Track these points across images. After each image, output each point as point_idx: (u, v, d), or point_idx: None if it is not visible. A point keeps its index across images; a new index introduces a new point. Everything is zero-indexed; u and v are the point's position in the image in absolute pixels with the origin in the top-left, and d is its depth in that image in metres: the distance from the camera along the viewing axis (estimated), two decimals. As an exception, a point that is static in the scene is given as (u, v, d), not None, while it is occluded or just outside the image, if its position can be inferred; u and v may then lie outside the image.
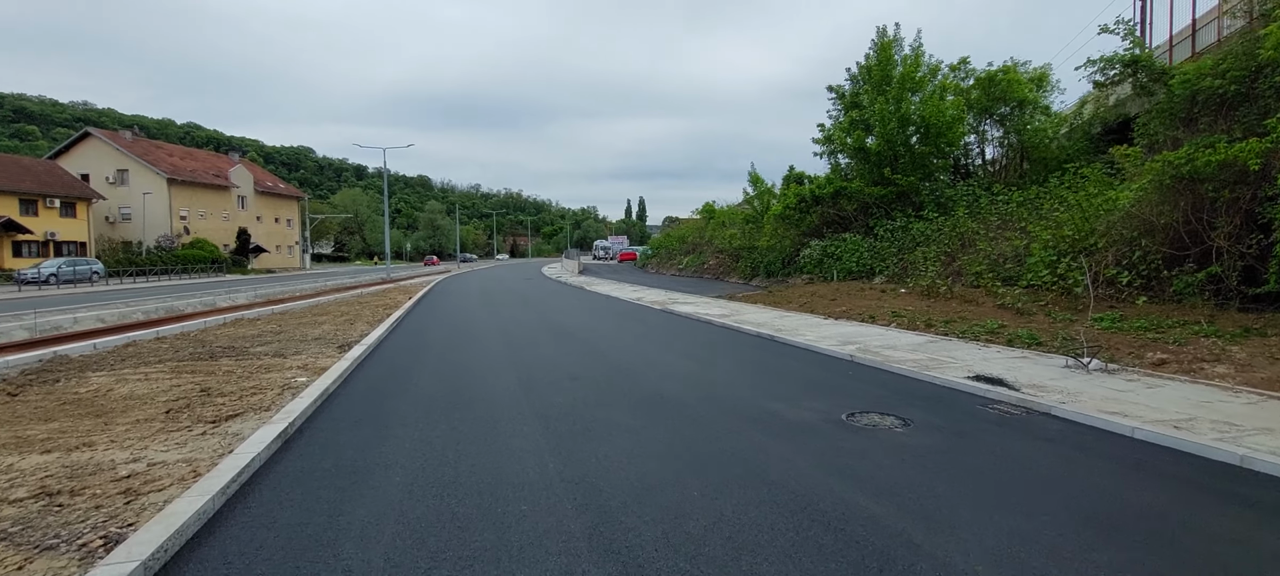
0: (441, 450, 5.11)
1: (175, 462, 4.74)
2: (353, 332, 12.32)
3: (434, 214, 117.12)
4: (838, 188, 22.34)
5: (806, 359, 9.69)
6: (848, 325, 12.95)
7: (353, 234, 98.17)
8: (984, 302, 13.51)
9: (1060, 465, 4.83)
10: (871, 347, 10.17)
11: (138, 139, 57.99)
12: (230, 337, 11.73)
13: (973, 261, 15.46)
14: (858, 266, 20.83)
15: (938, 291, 15.16)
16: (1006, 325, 10.95)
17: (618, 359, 9.61)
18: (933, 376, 7.98)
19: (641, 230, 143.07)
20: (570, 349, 10.64)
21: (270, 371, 8.35)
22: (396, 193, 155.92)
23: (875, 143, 21.14)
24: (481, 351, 10.42)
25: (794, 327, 12.88)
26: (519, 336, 12.33)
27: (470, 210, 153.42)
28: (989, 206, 18.67)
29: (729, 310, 16.67)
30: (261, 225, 63.37)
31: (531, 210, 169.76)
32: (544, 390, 7.36)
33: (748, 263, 29.09)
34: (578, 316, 16.18)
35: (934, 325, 11.82)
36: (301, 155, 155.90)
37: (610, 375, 8.29)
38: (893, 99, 20.78)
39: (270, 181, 68.66)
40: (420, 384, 7.77)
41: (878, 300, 15.86)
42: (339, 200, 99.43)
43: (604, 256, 75.52)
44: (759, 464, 4.78)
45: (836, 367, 8.95)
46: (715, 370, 8.77)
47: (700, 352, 10.36)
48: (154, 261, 46.41)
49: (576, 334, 12.64)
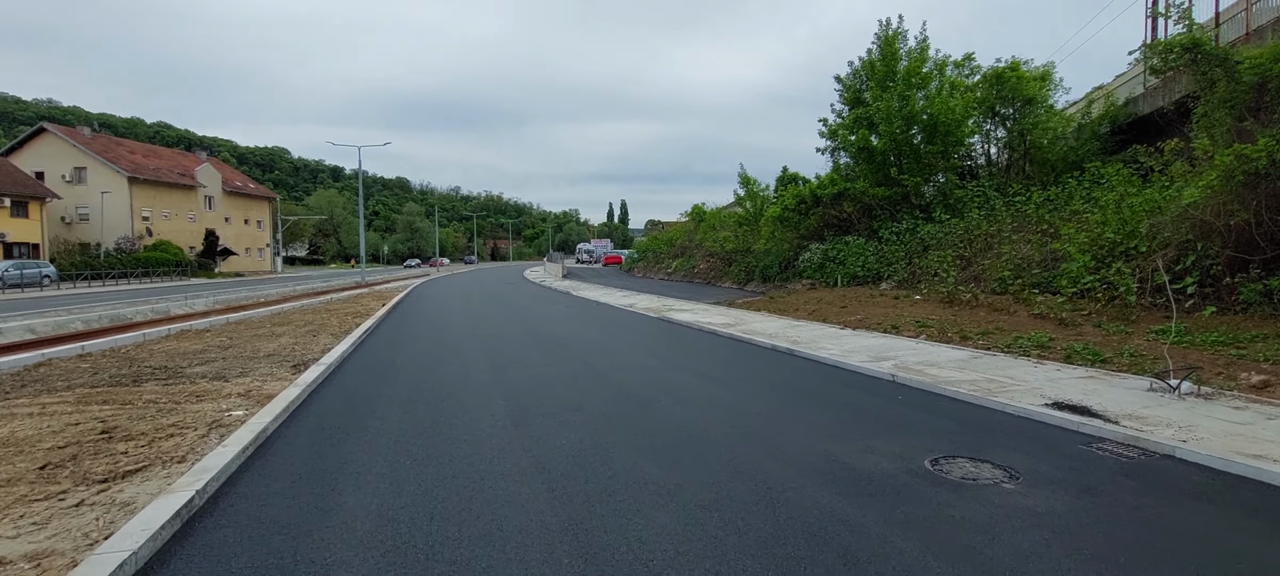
0: (409, 534, 3.68)
1: (13, 561, 3.26)
2: (313, 347, 10.77)
3: (412, 216, 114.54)
4: (841, 188, 21.19)
5: (840, 379, 8.40)
6: (870, 336, 11.71)
7: (328, 237, 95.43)
8: (1016, 311, 12.38)
9: (1249, 539, 3.57)
10: (909, 364, 8.92)
11: (98, 136, 55.23)
12: (168, 354, 10.12)
13: (995, 266, 14.34)
14: (863, 271, 19.69)
15: (959, 298, 14.01)
16: (1054, 337, 9.77)
17: (622, 381, 8.22)
18: (1001, 403, 6.73)
19: (624, 233, 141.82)
20: (565, 367, 9.23)
21: (202, 401, 6.83)
22: (373, 194, 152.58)
23: (880, 141, 20.03)
24: (463, 371, 8.96)
25: (812, 339, 11.62)
26: (505, 351, 10.89)
27: (450, 212, 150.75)
28: (1003, 208, 17.63)
29: (732, 318, 15.37)
30: (230, 227, 60.82)
31: (512, 213, 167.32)
32: (541, 427, 5.95)
33: (742, 266, 27.88)
34: (568, 326, 14.76)
35: (970, 337, 10.63)
36: (276, 156, 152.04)
37: (618, 404, 6.91)
38: (898, 95, 19.71)
39: (239, 181, 66.08)
40: (386, 420, 6.30)
41: (894, 308, 14.69)
42: (314, 202, 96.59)
43: (588, 260, 74.03)
44: (853, 549, 3.44)
45: (880, 390, 7.67)
46: (740, 395, 7.43)
47: (715, 370, 9.02)
48: (112, 264, 43.91)
49: (570, 348, 11.23)
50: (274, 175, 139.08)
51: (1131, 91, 21.11)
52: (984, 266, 15.28)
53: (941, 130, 19.24)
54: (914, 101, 19.57)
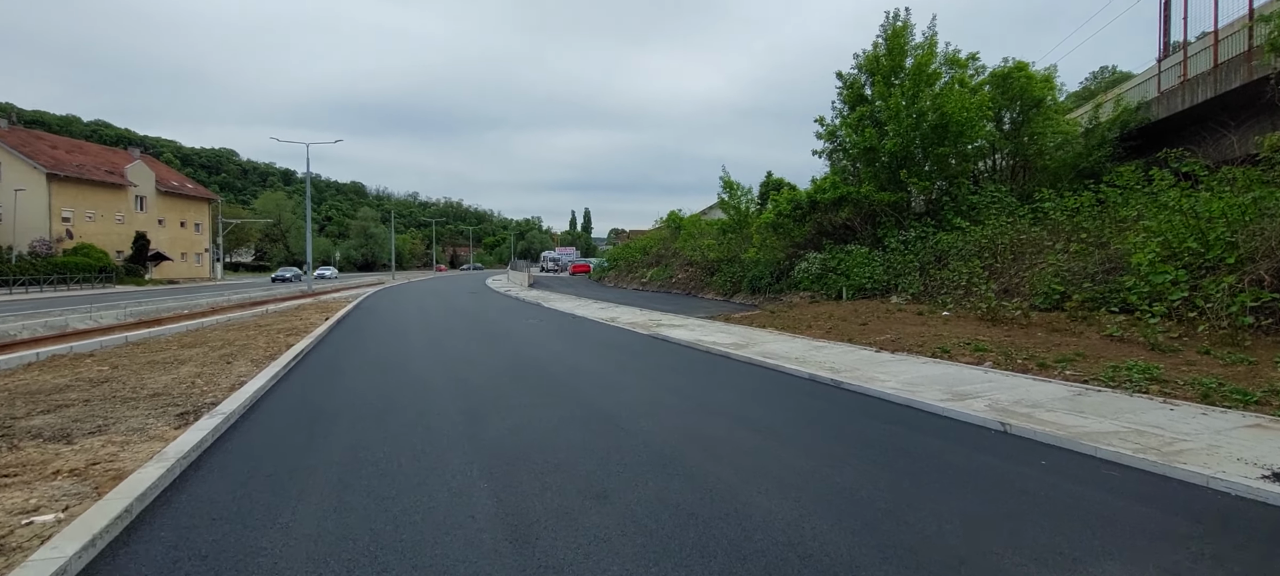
0: None
1: None
2: (222, 381, 8.18)
3: (367, 221, 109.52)
4: (843, 192, 19.39)
5: (929, 428, 6.33)
6: (920, 362, 9.75)
7: (275, 242, 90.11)
8: (1081, 332, 10.62)
9: None
10: (1004, 404, 6.95)
11: (14, 129, 50.15)
12: (13, 392, 7.41)
13: (1041, 278, 12.63)
14: (871, 283, 17.90)
15: (1003, 316, 12.24)
16: (1161, 368, 7.95)
17: (644, 434, 5.97)
18: (1191, 472, 4.76)
19: (587, 241, 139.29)
20: (562, 411, 6.93)
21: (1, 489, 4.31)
22: (326, 199, 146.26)
23: (889, 141, 18.31)
24: (422, 423, 6.57)
25: (852, 366, 9.59)
26: (477, 385, 8.51)
27: (407, 219, 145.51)
28: (1029, 215, 16.08)
29: (739, 337, 13.28)
30: (164, 229, 56.12)
31: (473, 220, 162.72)
32: (554, 544, 3.65)
33: (727, 276, 25.91)
34: (548, 347, 12.42)
35: (1047, 365, 8.76)
36: (224, 158, 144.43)
37: (660, 485, 4.65)
38: (907, 92, 18.04)
39: (176, 180, 61.26)
40: (294, 530, 3.90)
41: (924, 326, 12.83)
42: (260, 205, 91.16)
43: (554, 268, 71.34)
44: None
45: (995, 446, 5.63)
46: (820, 460, 5.27)
47: (756, 414, 6.85)
48: (24, 270, 39.37)
49: (559, 379, 8.91)
50: (221, 177, 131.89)
51: (1144, 95, 20.03)
52: (1020, 279, 13.58)
53: (954, 130, 17.64)
54: (926, 98, 17.93)
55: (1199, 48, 17.36)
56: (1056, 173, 20.22)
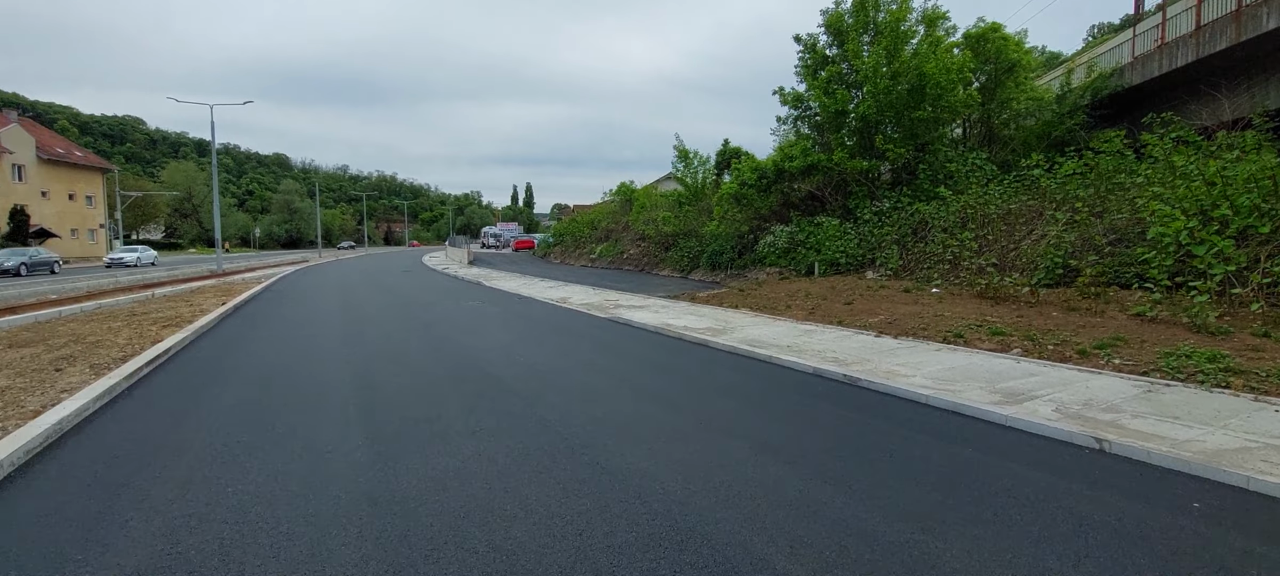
0: None
1: None
2: (26, 404, 5.84)
3: (290, 194, 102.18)
4: (813, 160, 17.92)
5: (1008, 449, 4.78)
6: (934, 349, 8.30)
7: (187, 217, 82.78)
8: (1104, 311, 9.46)
9: None
10: (1080, 411, 5.52)
11: None
12: None
13: (1046, 251, 11.47)
14: (845, 258, 16.57)
15: (1004, 293, 11.02)
16: (1231, 356, 6.72)
17: (652, 491, 4.15)
18: None
19: (530, 217, 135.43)
20: (516, 445, 5.02)
21: None
22: (247, 172, 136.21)
23: (863, 103, 16.89)
24: (303, 466, 4.54)
25: (857, 356, 8.06)
26: (398, 400, 6.48)
27: (337, 193, 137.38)
28: (1011, 183, 15.03)
29: (712, 320, 11.61)
30: (49, 202, 49.90)
31: (408, 194, 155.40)
32: None
33: (683, 252, 24.27)
34: (492, 335, 10.41)
35: (1088, 353, 7.47)
36: (129, 126, 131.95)
37: (673, 568, 2.86)
38: (887, 48, 16.62)
39: (62, 147, 54.57)
40: None
41: (917, 305, 11.51)
42: (167, 177, 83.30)
43: (496, 244, 68.05)
44: None
45: (1117, 477, 4.12)
46: (903, 521, 3.60)
47: (779, 435, 5.15)
48: None
49: (509, 385, 6.96)
50: (126, 148, 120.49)
51: (1117, 60, 19.36)
52: (1015, 252, 12.43)
53: (932, 91, 16.37)
54: (904, 55, 16.57)
55: (1180, 8, 16.62)
56: (1025, 142, 19.41)
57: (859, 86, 17.44)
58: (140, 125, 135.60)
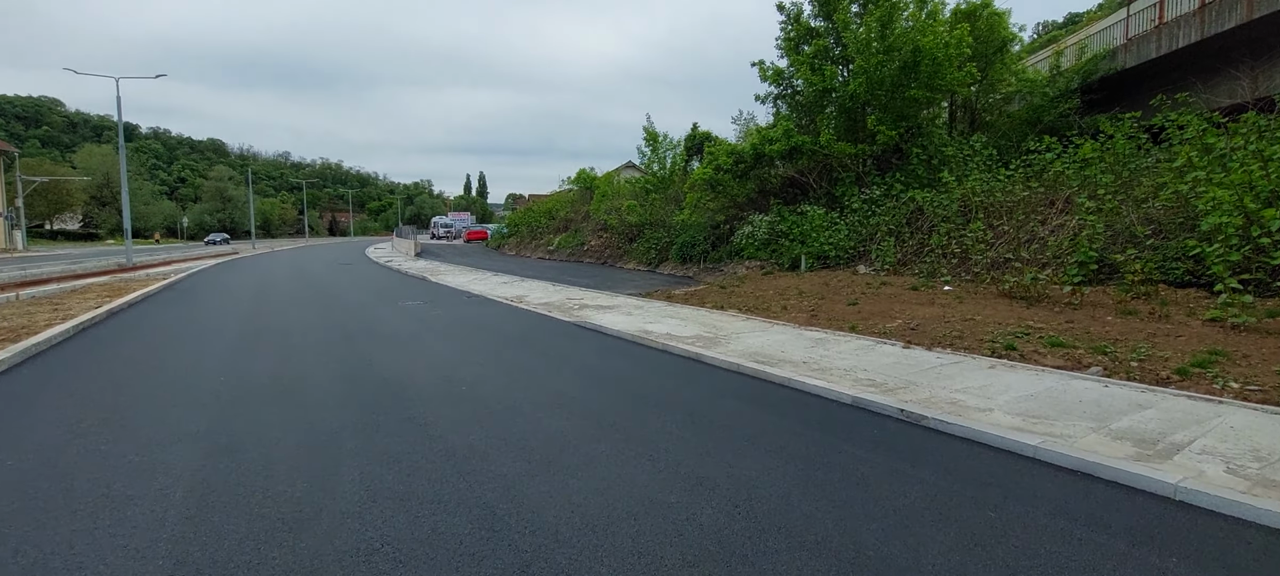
0: None
1: None
2: None
3: (221, 182, 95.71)
4: (796, 142, 16.23)
5: (1191, 538, 3.05)
6: (989, 367, 6.64)
7: (106, 206, 76.22)
8: (1171, 316, 8.01)
9: None
10: (1256, 472, 3.85)
11: None
12: None
13: (1080, 245, 10.01)
14: (834, 250, 14.97)
15: (1041, 293, 9.52)
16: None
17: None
18: None
19: (483, 207, 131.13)
20: (443, 553, 3.02)
21: None
22: (179, 158, 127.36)
23: (853, 81, 15.27)
24: None
25: (899, 379, 6.33)
26: (252, 472, 4.36)
27: (277, 181, 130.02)
28: (1017, 168, 13.66)
29: (698, 326, 9.76)
30: (-65, 189, 44.44)
31: (354, 183, 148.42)
32: None
33: (650, 243, 22.38)
34: (432, 349, 8.28)
35: (1188, 373, 5.92)
36: (45, 108, 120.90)
37: None
38: (878, 20, 15.01)
39: (-49, 127, 48.78)
40: None
41: (936, 307, 9.92)
42: (81, 161, 76.52)
43: (446, 235, 64.78)
44: None
45: None
46: None
47: (865, 536, 3.30)
48: None
49: (437, 434, 4.92)
50: (42, 131, 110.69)
51: (1107, 41, 18.34)
52: (1031, 244, 10.98)
53: (927, 68, 14.87)
54: (899, 27, 15.01)
55: (1182, -12, 15.57)
56: (1013, 128, 18.24)
57: (847, 62, 15.82)
58: (58, 106, 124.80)
